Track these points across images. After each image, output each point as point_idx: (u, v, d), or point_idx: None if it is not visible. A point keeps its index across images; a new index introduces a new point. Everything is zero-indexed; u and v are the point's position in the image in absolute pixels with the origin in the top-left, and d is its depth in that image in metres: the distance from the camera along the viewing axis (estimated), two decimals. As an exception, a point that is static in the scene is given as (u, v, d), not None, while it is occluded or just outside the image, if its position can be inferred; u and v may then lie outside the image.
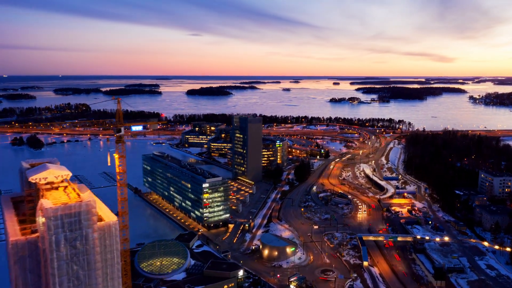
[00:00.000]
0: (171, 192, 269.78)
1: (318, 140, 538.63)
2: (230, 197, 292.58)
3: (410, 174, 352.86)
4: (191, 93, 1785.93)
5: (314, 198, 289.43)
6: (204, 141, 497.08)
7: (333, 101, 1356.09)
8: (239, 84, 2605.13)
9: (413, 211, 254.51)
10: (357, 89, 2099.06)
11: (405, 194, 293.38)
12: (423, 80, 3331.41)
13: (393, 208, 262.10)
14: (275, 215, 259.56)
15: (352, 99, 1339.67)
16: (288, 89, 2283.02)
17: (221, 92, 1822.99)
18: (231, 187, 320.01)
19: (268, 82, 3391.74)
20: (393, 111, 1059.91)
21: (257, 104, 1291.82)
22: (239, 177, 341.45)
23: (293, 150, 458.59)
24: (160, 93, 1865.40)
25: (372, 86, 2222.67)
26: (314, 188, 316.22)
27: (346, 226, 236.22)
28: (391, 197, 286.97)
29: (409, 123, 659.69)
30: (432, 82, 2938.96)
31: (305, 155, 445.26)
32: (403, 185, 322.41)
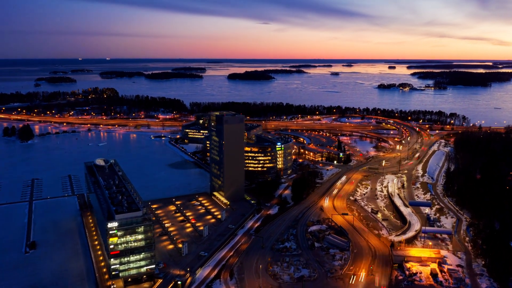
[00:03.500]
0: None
1: (343, 138, 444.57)
2: (187, 225, 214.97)
3: (451, 196, 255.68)
4: (232, 77, 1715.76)
5: (300, 234, 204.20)
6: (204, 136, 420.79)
7: (382, 87, 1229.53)
8: (287, 68, 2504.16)
9: (440, 275, 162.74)
10: (413, 74, 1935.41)
11: (437, 235, 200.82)
12: (490, 64, 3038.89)
13: (409, 264, 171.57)
14: (234, 262, 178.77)
15: (403, 85, 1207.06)
16: (337, 74, 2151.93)
17: (264, 76, 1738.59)
18: (199, 207, 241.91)
19: (319, 66, 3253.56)
20: (449, 100, 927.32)
21: (296, 90, 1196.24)
22: (215, 193, 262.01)
23: (306, 151, 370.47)
24: (201, 77, 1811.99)
25: (431, 70, 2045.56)
26: (309, 214, 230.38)
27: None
28: (412, 240, 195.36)
29: (464, 117, 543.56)
30: (500, 66, 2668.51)
31: (319, 158, 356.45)
32: (437, 215, 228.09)
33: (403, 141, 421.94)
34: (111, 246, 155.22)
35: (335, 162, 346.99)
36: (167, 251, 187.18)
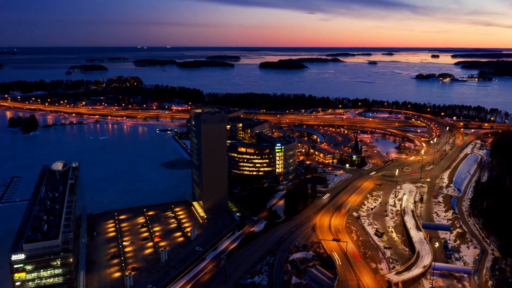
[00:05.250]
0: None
1: (364, 136, 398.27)
2: (149, 244, 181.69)
3: (478, 216, 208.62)
4: (264, 66, 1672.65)
5: (277, 264, 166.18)
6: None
7: (420, 77, 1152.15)
8: (323, 57, 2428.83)
9: None
10: (457, 63, 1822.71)
11: (452, 272, 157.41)
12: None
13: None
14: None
15: (443, 76, 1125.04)
16: (374, 63, 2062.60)
17: (297, 65, 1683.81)
18: (171, 220, 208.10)
19: (357, 55, 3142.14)
20: (493, 92, 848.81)
21: (326, 80, 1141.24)
22: (194, 203, 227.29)
23: (316, 152, 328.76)
24: (232, 65, 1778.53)
25: (476, 59, 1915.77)
26: (297, 234, 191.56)
27: None
28: (419, 278, 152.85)
29: (506, 114, 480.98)
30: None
31: (330, 160, 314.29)
32: (457, 243, 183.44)
33: (431, 141, 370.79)
34: (18, 284, 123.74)
35: (347, 165, 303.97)
36: (110, 281, 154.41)
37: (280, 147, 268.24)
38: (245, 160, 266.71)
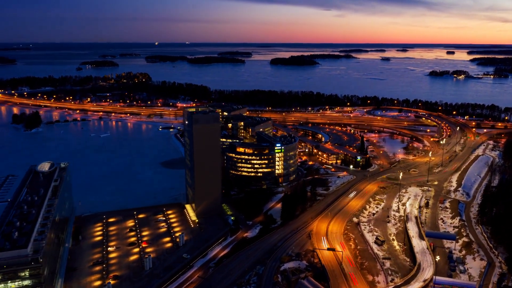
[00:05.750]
0: None
1: (371, 135, 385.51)
2: (135, 250, 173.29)
3: (486, 224, 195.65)
4: (275, 62, 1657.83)
5: (267, 275, 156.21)
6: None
7: (433, 74, 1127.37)
8: (336, 53, 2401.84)
9: None
10: (473, 60, 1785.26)
11: (455, 287, 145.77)
12: None
13: None
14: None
15: (457, 73, 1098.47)
16: (387, 59, 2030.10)
17: (308, 61, 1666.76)
18: (162, 224, 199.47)
19: (370, 51, 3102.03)
20: (508, 90, 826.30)
21: (337, 76, 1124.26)
22: (187, 206, 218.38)
23: (320, 152, 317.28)
24: (243, 62, 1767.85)
25: (493, 56, 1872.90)
26: (292, 241, 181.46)
27: None
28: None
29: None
30: None
31: (334, 161, 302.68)
32: (463, 253, 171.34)
33: (440, 141, 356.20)
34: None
35: (351, 166, 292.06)
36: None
37: (280, 148, 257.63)
38: (243, 160, 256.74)
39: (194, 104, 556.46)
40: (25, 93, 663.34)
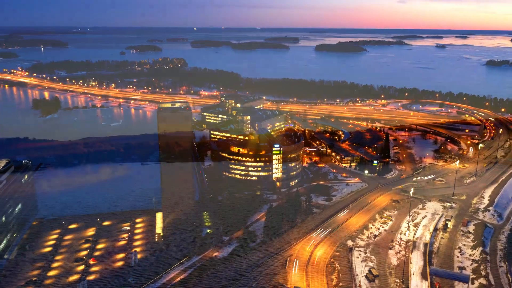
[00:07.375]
0: None
1: (400, 134, 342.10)
2: (79, 269, 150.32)
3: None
4: (320, 48, 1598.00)
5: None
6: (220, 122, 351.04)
7: (491, 64, 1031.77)
8: (388, 39, 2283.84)
9: None
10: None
11: None
12: None
13: None
14: None
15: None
16: (443, 46, 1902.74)
17: (355, 48, 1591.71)
18: (124, 235, 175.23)
19: (426, 37, 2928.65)
20: None
21: (382, 65, 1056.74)
22: (158, 214, 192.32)
23: (333, 153, 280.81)
24: (288, 48, 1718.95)
25: None
26: (264, 268, 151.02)
27: None
28: None
29: None
30: None
31: (347, 164, 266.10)
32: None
33: (480, 144, 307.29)
34: None
35: (366, 171, 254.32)
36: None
37: (278, 149, 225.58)
38: (236, 161, 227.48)
39: (217, 92, 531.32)
40: (54, 77, 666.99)
